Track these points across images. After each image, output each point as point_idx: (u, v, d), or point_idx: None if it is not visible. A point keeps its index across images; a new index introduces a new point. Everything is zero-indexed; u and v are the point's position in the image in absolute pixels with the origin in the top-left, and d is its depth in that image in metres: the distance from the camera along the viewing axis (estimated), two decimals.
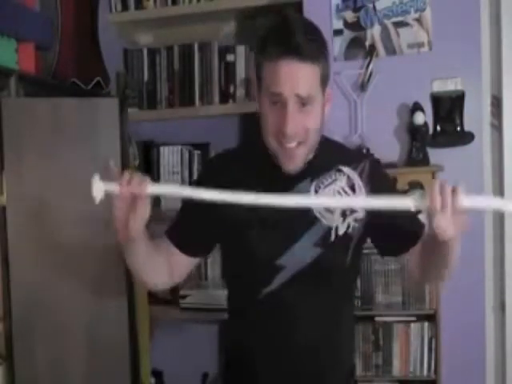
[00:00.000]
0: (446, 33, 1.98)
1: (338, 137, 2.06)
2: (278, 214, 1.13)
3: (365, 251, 2.06)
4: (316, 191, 1.20)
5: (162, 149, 2.38)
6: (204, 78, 2.33)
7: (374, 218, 1.21)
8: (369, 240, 1.30)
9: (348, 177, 1.22)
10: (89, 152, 1.87)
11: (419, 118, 1.96)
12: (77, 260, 1.85)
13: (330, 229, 1.19)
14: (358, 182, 1.22)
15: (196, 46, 2.35)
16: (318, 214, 1.18)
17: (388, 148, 2.04)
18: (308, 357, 1.22)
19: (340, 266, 1.22)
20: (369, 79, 2.01)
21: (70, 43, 2.40)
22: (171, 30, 2.45)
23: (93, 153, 1.87)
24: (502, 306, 2.07)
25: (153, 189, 1.04)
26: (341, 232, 1.19)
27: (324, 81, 1.14)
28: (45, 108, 1.91)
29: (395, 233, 1.25)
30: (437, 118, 2.00)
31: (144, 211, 1.05)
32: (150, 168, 2.38)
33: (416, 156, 1.99)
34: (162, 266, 1.24)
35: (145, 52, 2.41)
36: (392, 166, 2.03)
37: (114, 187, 1.02)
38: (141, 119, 2.36)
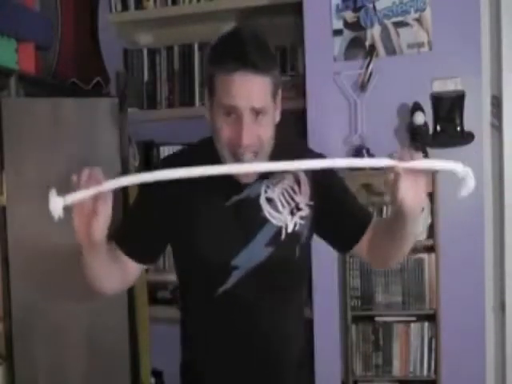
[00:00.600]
0: (446, 33, 1.98)
1: (338, 137, 2.08)
2: (229, 216, 1.21)
3: None
4: (265, 191, 1.23)
5: (161, 149, 2.38)
6: (204, 78, 2.33)
7: (318, 215, 1.27)
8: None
9: (293, 174, 1.27)
10: (89, 152, 1.87)
11: (419, 118, 1.96)
12: (76, 260, 1.84)
13: (280, 228, 1.22)
14: (303, 177, 1.27)
15: (196, 46, 2.36)
16: (267, 215, 1.22)
17: (388, 148, 2.03)
18: (262, 348, 1.24)
19: (290, 261, 1.26)
20: (369, 79, 2.01)
21: (70, 43, 2.40)
22: (171, 30, 2.45)
23: (93, 153, 1.87)
24: (502, 306, 2.07)
25: (110, 184, 1.01)
26: (290, 230, 1.23)
27: (275, 91, 1.17)
28: (45, 108, 1.91)
29: (340, 227, 1.31)
30: (437, 118, 2.00)
31: (106, 210, 1.03)
32: (150, 168, 2.38)
33: None
34: (116, 272, 1.22)
35: (145, 52, 2.41)
36: None
37: (71, 199, 1.00)
38: (141, 119, 2.36)
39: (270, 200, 1.23)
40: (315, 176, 1.27)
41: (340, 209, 1.31)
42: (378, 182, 1.98)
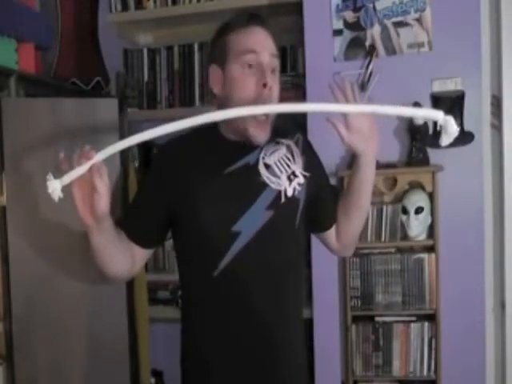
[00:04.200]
0: (446, 33, 1.98)
1: (338, 137, 2.07)
2: (228, 183, 1.23)
3: (365, 251, 2.09)
4: (263, 158, 1.27)
5: None
6: (204, 78, 2.33)
7: (310, 187, 1.31)
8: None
9: (287, 146, 1.32)
10: None
11: (419, 118, 1.96)
12: (76, 260, 1.84)
13: (279, 192, 1.25)
14: (296, 150, 1.33)
15: (196, 46, 2.36)
16: (266, 179, 1.25)
17: (388, 148, 2.04)
18: (261, 327, 1.24)
19: (291, 226, 1.28)
20: (369, 79, 2.01)
21: (70, 43, 2.40)
22: (171, 30, 2.45)
23: None
24: (502, 306, 2.07)
25: (100, 155, 1.06)
26: (289, 194, 1.26)
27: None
28: (45, 108, 1.91)
29: (324, 206, 1.38)
30: None
31: (104, 184, 1.06)
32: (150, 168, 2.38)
33: (416, 156, 1.99)
34: (124, 254, 1.24)
35: (145, 52, 2.41)
36: (392, 166, 2.03)
37: (67, 178, 1.04)
38: (141, 119, 2.36)
39: (267, 166, 1.26)
40: (305, 151, 1.35)
41: (324, 189, 1.39)
42: (378, 182, 1.98)
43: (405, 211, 2.00)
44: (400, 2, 2.01)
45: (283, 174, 1.27)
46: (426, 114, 1.07)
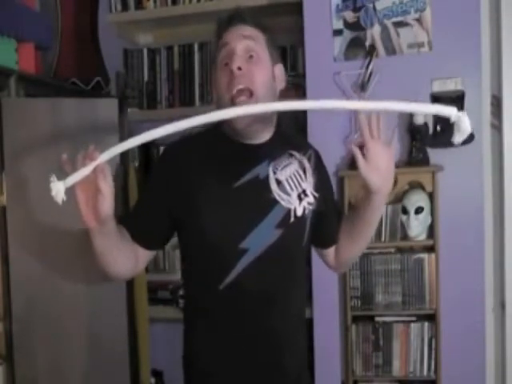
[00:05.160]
0: (446, 33, 1.98)
1: (338, 137, 2.08)
2: (237, 197, 1.19)
3: (365, 251, 2.08)
4: (274, 172, 1.23)
5: (161, 149, 2.38)
6: (204, 78, 2.33)
7: (318, 207, 1.29)
8: None
9: (299, 161, 1.29)
10: None
11: (419, 118, 1.96)
12: (76, 260, 1.84)
13: (289, 210, 1.22)
14: (308, 167, 1.30)
15: (196, 46, 2.36)
16: (276, 196, 1.21)
17: None
18: (267, 339, 1.23)
19: (298, 245, 1.27)
20: (369, 79, 2.01)
21: (70, 43, 2.40)
22: (171, 30, 2.45)
23: None
24: (502, 306, 2.07)
25: (104, 156, 1.04)
26: (299, 213, 1.23)
27: (270, 52, 1.23)
28: (45, 108, 1.91)
29: (329, 225, 1.36)
30: (437, 118, 2.00)
31: (108, 185, 1.04)
32: (150, 168, 2.38)
33: (416, 156, 1.99)
34: (128, 255, 1.21)
35: (145, 52, 2.41)
36: None
37: (71, 180, 1.03)
38: (141, 119, 2.36)
39: (278, 182, 1.23)
40: (317, 168, 1.32)
41: (329, 206, 1.36)
42: None
43: (405, 211, 2.00)
44: (400, 2, 2.01)
45: (294, 192, 1.24)
46: (439, 110, 1.04)
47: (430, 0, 1.99)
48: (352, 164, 1.96)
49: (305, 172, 1.28)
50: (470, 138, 1.97)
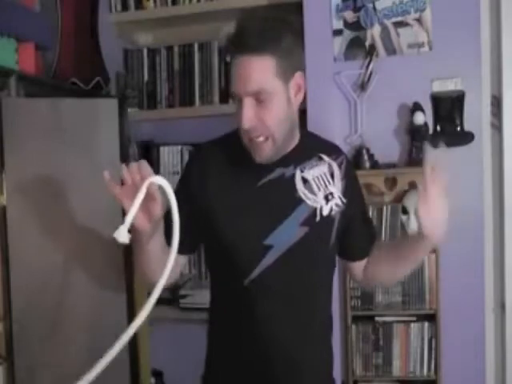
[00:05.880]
0: (446, 33, 1.98)
1: (338, 137, 2.08)
2: (261, 195, 1.20)
3: None
4: (301, 171, 1.23)
5: (161, 149, 2.38)
6: (204, 78, 2.33)
7: (345, 214, 1.26)
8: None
9: (329, 164, 1.28)
10: (89, 152, 1.87)
11: (419, 118, 1.96)
12: (76, 260, 1.85)
13: (315, 209, 1.21)
14: (337, 172, 1.28)
15: (196, 46, 2.36)
16: (302, 195, 1.21)
17: (388, 148, 2.04)
18: (285, 345, 1.22)
19: (324, 245, 1.25)
20: (369, 79, 2.01)
21: (70, 43, 2.39)
22: (171, 29, 2.45)
23: (93, 153, 1.87)
24: (502, 306, 2.07)
25: (156, 179, 0.94)
26: (325, 213, 1.22)
27: (283, 72, 1.14)
28: (45, 108, 1.91)
29: (358, 235, 1.33)
30: (437, 118, 2.00)
31: (156, 189, 0.96)
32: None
33: (416, 156, 1.99)
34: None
35: (145, 52, 2.41)
36: (392, 165, 2.03)
37: (130, 219, 0.92)
38: (141, 119, 2.36)
39: (305, 181, 1.23)
40: (347, 176, 1.30)
41: (358, 221, 1.33)
42: (378, 182, 1.98)
43: (405, 211, 2.00)
44: (400, 2, 2.01)
45: (321, 191, 1.23)
46: None
47: (429, 0, 1.99)
48: (353, 164, 1.96)
49: (333, 176, 1.27)
50: (470, 137, 1.98)
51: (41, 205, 1.81)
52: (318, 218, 1.21)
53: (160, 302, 2.69)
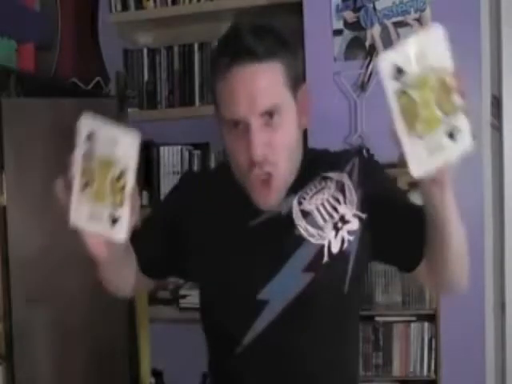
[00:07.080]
0: (446, 33, 1.98)
1: (337, 137, 2.08)
2: (255, 238, 0.99)
3: None
4: (300, 203, 1.00)
5: (161, 149, 2.37)
6: (204, 78, 2.33)
7: (371, 229, 1.01)
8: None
9: (336, 181, 1.04)
10: None
11: None
12: (76, 260, 1.84)
13: (321, 247, 0.98)
14: (348, 183, 1.03)
15: (196, 46, 2.35)
16: (303, 232, 0.98)
17: (388, 148, 2.02)
18: None
19: (337, 294, 0.99)
20: (369, 79, 2.01)
21: (70, 43, 2.40)
22: (171, 30, 2.45)
23: None
24: (502, 306, 2.07)
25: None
26: (335, 250, 0.98)
27: (293, 82, 0.96)
28: (45, 108, 1.91)
29: (400, 241, 1.02)
30: None
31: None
32: (150, 168, 2.38)
33: None
34: (131, 275, 1.07)
35: (145, 52, 2.41)
36: (392, 166, 2.02)
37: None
38: (141, 119, 2.36)
39: (305, 213, 1.00)
40: (363, 179, 1.05)
41: (397, 219, 1.02)
42: None
43: None
44: (400, 2, 2.01)
45: (328, 223, 0.98)
46: None
47: (429, 0, 1.99)
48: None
49: (344, 193, 1.01)
50: None
51: (41, 205, 1.81)
52: (325, 259, 0.97)
53: (160, 302, 2.68)
